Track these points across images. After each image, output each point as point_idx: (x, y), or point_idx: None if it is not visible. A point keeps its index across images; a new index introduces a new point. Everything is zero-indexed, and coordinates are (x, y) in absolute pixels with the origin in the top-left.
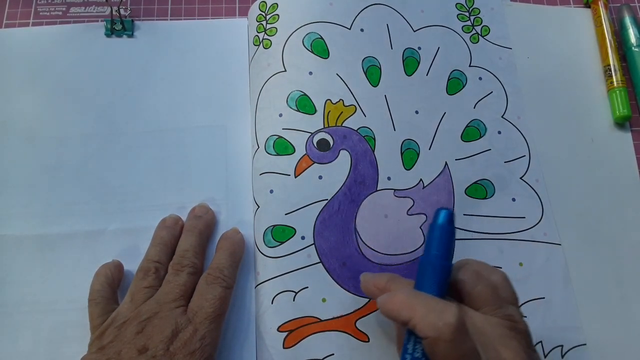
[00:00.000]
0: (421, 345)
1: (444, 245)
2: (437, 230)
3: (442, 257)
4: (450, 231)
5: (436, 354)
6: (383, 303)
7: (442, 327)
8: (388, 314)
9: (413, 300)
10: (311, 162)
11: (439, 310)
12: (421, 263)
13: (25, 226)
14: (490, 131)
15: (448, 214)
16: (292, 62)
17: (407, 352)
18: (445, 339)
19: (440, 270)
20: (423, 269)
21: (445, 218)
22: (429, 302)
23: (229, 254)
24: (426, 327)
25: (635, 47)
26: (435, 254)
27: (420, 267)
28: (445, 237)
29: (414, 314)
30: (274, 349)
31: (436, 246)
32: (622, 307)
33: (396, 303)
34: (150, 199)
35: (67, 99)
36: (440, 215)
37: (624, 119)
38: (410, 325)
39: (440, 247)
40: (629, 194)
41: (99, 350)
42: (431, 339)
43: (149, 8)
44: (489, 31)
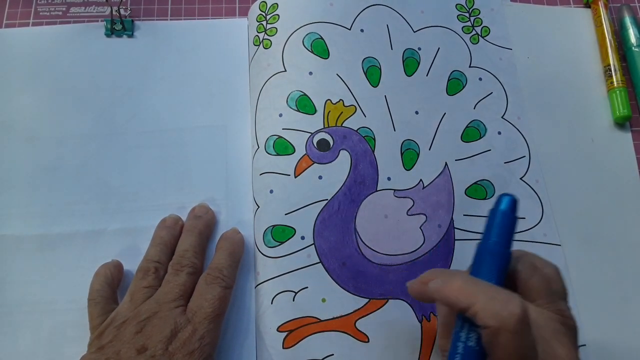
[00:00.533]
0: (476, 334)
1: (506, 232)
2: (499, 216)
3: (504, 245)
4: (513, 218)
5: (496, 345)
6: (438, 289)
7: (507, 317)
8: (445, 300)
9: (473, 288)
10: (311, 162)
11: (502, 300)
12: (480, 250)
13: (25, 226)
14: (490, 132)
15: (511, 200)
16: (292, 62)
17: (459, 340)
18: (509, 329)
19: (500, 258)
20: (481, 255)
21: (508, 204)
22: (491, 290)
23: (228, 254)
24: (488, 316)
25: (635, 47)
26: (496, 240)
27: (479, 253)
28: (507, 224)
29: (474, 301)
30: (274, 349)
31: (497, 233)
32: (622, 308)
33: (454, 289)
34: (150, 199)
35: (67, 99)
36: (503, 201)
37: (624, 119)
38: (470, 313)
39: (502, 234)
40: (629, 194)
41: (98, 350)
42: (493, 328)
43: (149, 8)
44: (489, 32)
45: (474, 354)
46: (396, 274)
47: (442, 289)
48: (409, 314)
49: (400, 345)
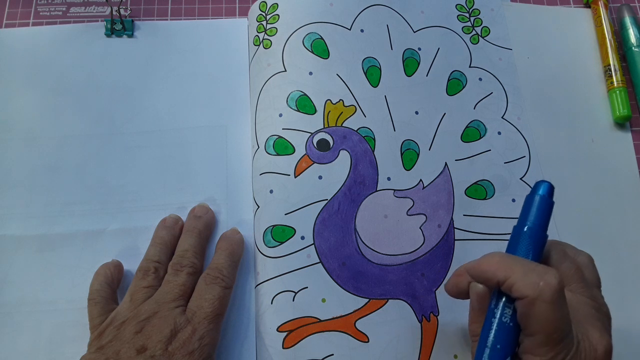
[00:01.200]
0: (511, 310)
1: (543, 216)
2: (538, 200)
3: (541, 227)
4: (550, 203)
5: (532, 316)
6: (475, 265)
7: (543, 286)
8: (482, 275)
9: (511, 261)
10: (311, 162)
11: (539, 271)
12: (516, 232)
13: (25, 226)
14: (490, 132)
15: (550, 187)
16: (292, 62)
17: (494, 317)
18: (546, 299)
19: (537, 240)
20: (518, 237)
21: (546, 190)
22: (528, 263)
23: (228, 254)
24: (525, 286)
25: (635, 47)
26: (535, 223)
27: (515, 235)
28: (545, 208)
29: (511, 273)
30: (274, 349)
31: (536, 216)
32: (622, 308)
33: (492, 263)
34: (150, 199)
35: (67, 99)
36: (541, 186)
37: (624, 119)
38: (506, 285)
39: (540, 218)
40: (629, 194)
41: (98, 350)
42: (529, 299)
43: (149, 8)
44: (489, 32)
45: (507, 330)
46: (396, 274)
47: (479, 264)
48: (409, 314)
49: (400, 345)
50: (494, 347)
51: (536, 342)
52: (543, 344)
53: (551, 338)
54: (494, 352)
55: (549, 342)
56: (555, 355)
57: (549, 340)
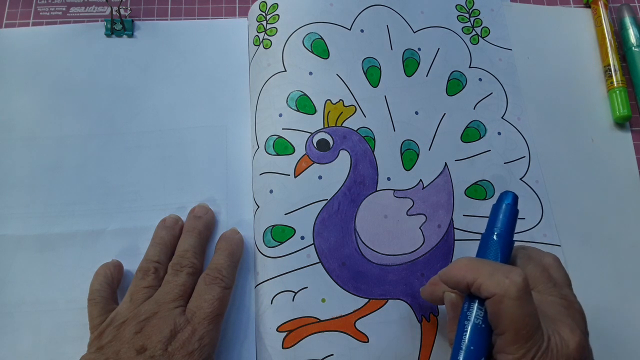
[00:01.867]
0: (482, 312)
1: (509, 223)
2: (504, 208)
3: (508, 234)
4: (515, 211)
5: (500, 314)
6: (446, 271)
7: (509, 284)
8: (451, 279)
9: (478, 263)
10: (311, 162)
11: (505, 270)
12: (484, 239)
13: (25, 226)
14: (490, 132)
15: (514, 196)
16: (292, 62)
17: (466, 319)
18: (512, 296)
19: (505, 244)
20: (486, 243)
21: (511, 199)
22: (494, 264)
23: (227, 254)
24: (492, 284)
25: (635, 47)
26: (503, 230)
27: (483, 242)
28: (511, 216)
29: (479, 274)
30: (274, 349)
31: (503, 223)
32: (621, 308)
33: (461, 268)
34: (150, 199)
35: (67, 99)
36: (507, 196)
37: (624, 119)
38: (475, 286)
39: (506, 224)
40: (629, 194)
41: (98, 350)
42: (497, 296)
43: (149, 8)
44: (489, 32)
45: (480, 331)
46: (396, 274)
47: (449, 270)
48: (408, 314)
49: (400, 345)
50: (467, 349)
51: (507, 340)
52: (513, 342)
53: (520, 334)
54: (468, 353)
55: (519, 339)
56: (526, 352)
57: (518, 337)
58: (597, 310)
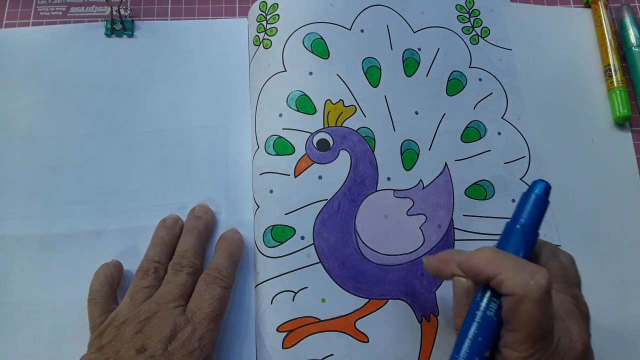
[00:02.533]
0: (496, 305)
1: (537, 214)
2: (533, 199)
3: (533, 225)
4: (545, 202)
5: (518, 313)
6: (466, 259)
7: (533, 286)
8: (471, 269)
9: (502, 257)
10: (311, 162)
11: (530, 270)
12: (509, 228)
13: (25, 226)
14: (490, 132)
15: (546, 186)
16: (292, 62)
17: (478, 309)
18: (534, 298)
19: (529, 237)
20: (510, 233)
21: (542, 189)
22: (519, 261)
23: (227, 254)
24: (515, 283)
25: (635, 47)
26: (528, 221)
27: (507, 231)
28: (539, 207)
29: (502, 270)
30: (273, 349)
31: (530, 214)
32: (621, 308)
33: (483, 259)
34: (150, 199)
35: (67, 99)
36: (538, 185)
37: (624, 119)
38: (496, 281)
39: (534, 216)
40: (629, 194)
41: (98, 350)
42: (518, 296)
43: (149, 8)
44: (489, 32)
45: (490, 324)
46: (396, 274)
47: (470, 259)
48: (409, 314)
49: (400, 345)
50: (475, 339)
51: (517, 338)
52: (524, 341)
53: (533, 335)
54: (475, 344)
55: (531, 339)
56: (535, 352)
57: (531, 338)
58: (597, 310)
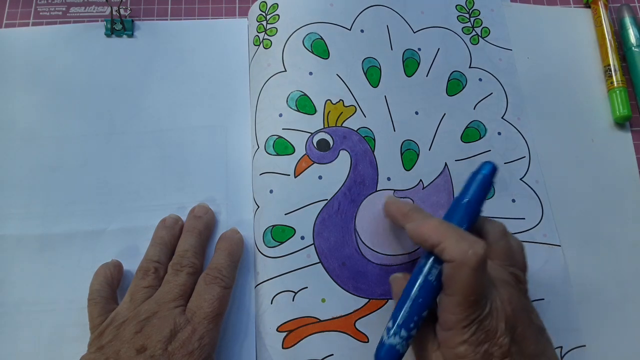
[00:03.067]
0: (437, 271)
1: (481, 192)
2: (480, 178)
3: (477, 202)
4: (490, 183)
5: (456, 278)
6: (415, 227)
7: (471, 254)
8: (418, 237)
9: (446, 228)
10: (311, 162)
11: (470, 241)
12: (455, 203)
13: (25, 226)
14: (490, 132)
15: (492, 167)
16: (292, 62)
17: (420, 274)
18: (471, 265)
19: (472, 212)
20: (456, 207)
21: (489, 170)
22: (461, 232)
23: (227, 254)
24: (455, 251)
25: (635, 47)
26: (473, 197)
27: (453, 206)
28: (484, 186)
29: (445, 238)
30: (273, 349)
31: (474, 191)
32: (621, 308)
33: (430, 228)
34: (150, 199)
35: (67, 99)
36: (485, 166)
37: (624, 119)
38: (439, 249)
39: (478, 193)
40: (629, 194)
41: (98, 350)
42: (457, 263)
43: (149, 8)
44: (489, 32)
45: (430, 287)
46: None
47: (419, 227)
48: None
49: None
50: (416, 300)
51: (454, 302)
52: (460, 304)
53: (468, 299)
54: (415, 304)
55: (465, 302)
56: (469, 314)
57: (466, 301)
58: (597, 310)
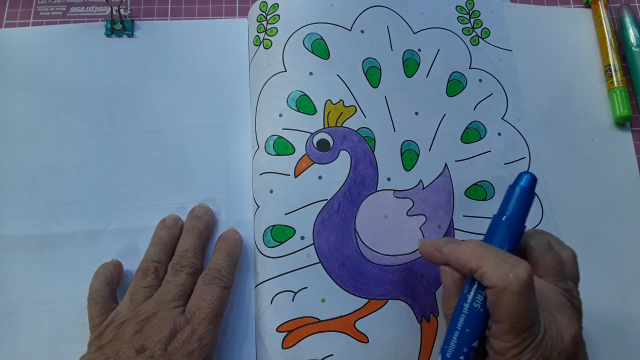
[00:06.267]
0: (482, 296)
1: (522, 207)
2: (518, 191)
3: (519, 218)
4: (531, 195)
5: (500, 305)
6: (452, 250)
7: (512, 278)
8: (456, 262)
9: (485, 250)
10: (311, 162)
11: (511, 263)
12: (494, 221)
13: (25, 226)
14: (490, 133)
15: (532, 178)
16: (292, 62)
17: (465, 301)
18: (513, 290)
19: (514, 229)
20: (496, 226)
21: (528, 181)
22: (501, 254)
23: (226, 254)
24: (495, 276)
25: (635, 47)
26: (513, 214)
27: (493, 224)
28: (524, 199)
29: (484, 262)
30: (273, 349)
31: (514, 206)
32: (622, 308)
33: (467, 251)
34: (150, 199)
35: (67, 99)
36: (523, 177)
37: (625, 119)
38: (478, 274)
39: (519, 208)
40: (629, 194)
41: (98, 350)
42: (499, 288)
43: (149, 8)
44: (489, 33)
45: (477, 315)
46: (396, 274)
47: (455, 251)
48: (408, 314)
49: (400, 346)
50: (463, 330)
51: (503, 329)
52: (509, 332)
53: (517, 327)
54: (463, 335)
55: (515, 330)
56: (520, 342)
57: (515, 329)
58: (597, 310)
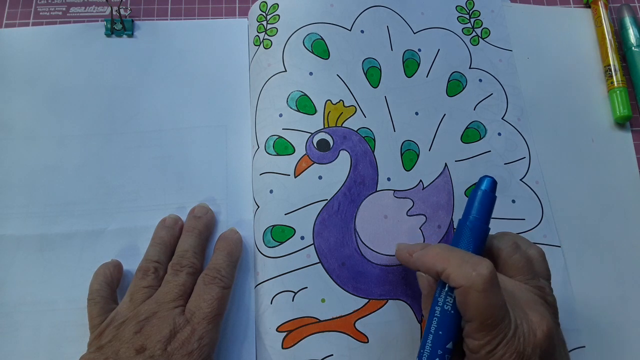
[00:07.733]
0: (452, 298)
1: (484, 210)
2: (480, 194)
3: (482, 220)
4: (492, 198)
5: (467, 304)
6: (419, 256)
7: (475, 277)
8: (423, 266)
9: (448, 253)
10: (311, 162)
11: (473, 262)
12: (460, 225)
13: (25, 226)
14: (490, 133)
15: (492, 182)
16: (292, 62)
17: (437, 305)
18: (477, 288)
19: (478, 232)
20: (461, 230)
21: (488, 185)
22: (464, 255)
23: (226, 254)
24: (459, 276)
25: (635, 47)
26: (476, 216)
27: (459, 228)
28: (486, 202)
29: (448, 264)
30: (273, 349)
31: (477, 209)
32: (621, 309)
33: (432, 255)
34: (150, 199)
35: (67, 99)
36: (484, 181)
37: (625, 119)
38: (444, 276)
39: (481, 211)
40: (629, 194)
41: (98, 350)
42: (463, 288)
43: (149, 8)
44: (489, 33)
45: (449, 317)
46: (396, 274)
47: (422, 256)
48: (408, 314)
49: (400, 346)
50: (436, 333)
51: (473, 327)
52: (479, 329)
53: (486, 323)
54: (437, 338)
55: (485, 327)
56: (492, 338)
57: (484, 326)
58: (597, 310)
